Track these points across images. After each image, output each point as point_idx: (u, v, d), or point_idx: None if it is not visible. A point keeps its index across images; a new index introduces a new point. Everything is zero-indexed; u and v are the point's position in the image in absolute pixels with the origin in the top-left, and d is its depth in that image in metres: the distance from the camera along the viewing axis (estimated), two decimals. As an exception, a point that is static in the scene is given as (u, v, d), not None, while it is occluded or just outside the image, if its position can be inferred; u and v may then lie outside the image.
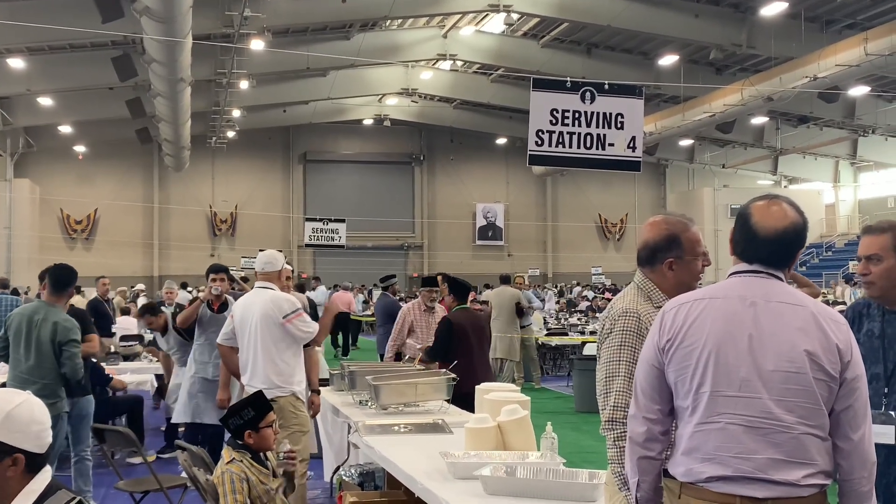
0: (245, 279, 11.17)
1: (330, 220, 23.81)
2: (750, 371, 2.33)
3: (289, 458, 4.55)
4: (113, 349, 11.18)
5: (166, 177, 37.84)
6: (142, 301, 16.52)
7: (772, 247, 2.43)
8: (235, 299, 7.71)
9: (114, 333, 11.22)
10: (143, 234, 38.10)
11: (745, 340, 2.35)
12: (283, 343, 5.61)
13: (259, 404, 4.44)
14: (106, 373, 8.61)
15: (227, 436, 4.53)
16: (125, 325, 15.31)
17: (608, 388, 2.89)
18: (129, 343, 11.48)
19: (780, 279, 2.43)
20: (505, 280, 14.12)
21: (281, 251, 6.28)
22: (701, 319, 2.43)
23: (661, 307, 2.94)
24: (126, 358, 10.79)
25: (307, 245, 25.25)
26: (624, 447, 2.74)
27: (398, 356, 8.31)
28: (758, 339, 2.34)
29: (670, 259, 3.00)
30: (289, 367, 5.65)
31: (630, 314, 2.94)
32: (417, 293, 13.27)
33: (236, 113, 31.41)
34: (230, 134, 34.69)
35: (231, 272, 9.90)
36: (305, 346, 5.88)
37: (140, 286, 23.60)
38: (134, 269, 36.50)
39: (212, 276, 7.34)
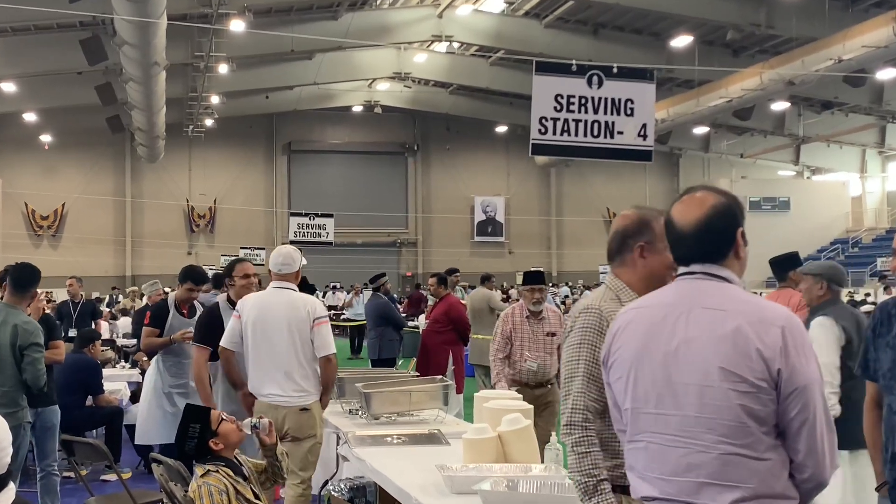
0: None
1: (316, 215, 23.80)
2: (664, 386, 2.34)
3: (263, 429, 4.52)
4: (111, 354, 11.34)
5: (139, 169, 37.79)
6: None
7: (697, 239, 2.42)
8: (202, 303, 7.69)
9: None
10: (114, 230, 38.05)
11: (661, 353, 2.36)
12: (310, 347, 5.61)
13: (196, 413, 4.43)
14: (102, 383, 8.64)
15: None
16: (127, 326, 15.30)
17: (568, 389, 2.91)
18: (104, 348, 11.50)
19: (722, 277, 2.41)
20: (484, 280, 14.30)
21: (294, 249, 6.23)
22: (628, 331, 2.47)
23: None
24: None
25: (292, 242, 25.23)
26: (583, 453, 2.78)
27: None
28: (673, 352, 2.34)
29: (641, 244, 3.05)
30: (316, 372, 5.66)
31: (591, 310, 2.98)
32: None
33: (215, 99, 31.38)
34: (208, 122, 34.68)
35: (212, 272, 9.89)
36: None
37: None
38: (105, 269, 36.46)
39: (190, 284, 7.29)
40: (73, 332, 10.90)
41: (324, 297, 29.78)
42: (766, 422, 2.25)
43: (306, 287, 7.65)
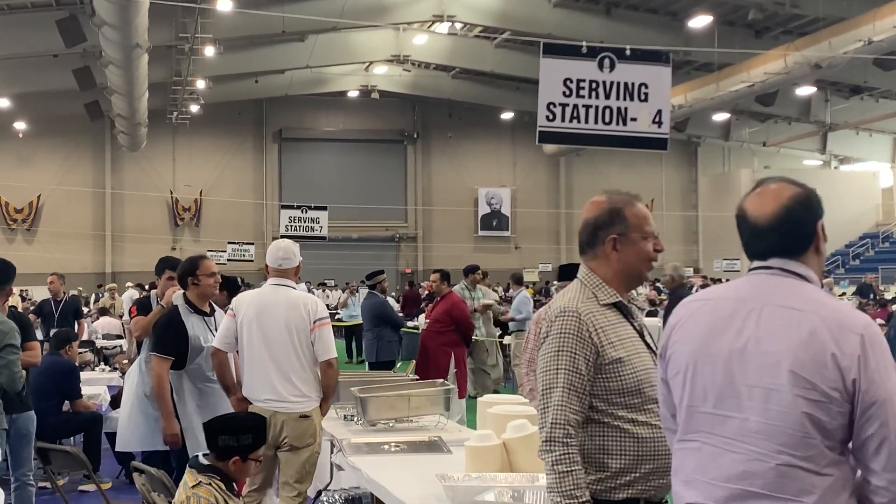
0: (239, 282, 11.14)
1: (309, 208, 23.76)
2: (727, 386, 2.34)
3: None
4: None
5: (120, 158, 37.79)
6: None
7: (775, 232, 2.42)
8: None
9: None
10: (93, 224, 38.06)
11: (726, 350, 2.36)
12: (311, 349, 5.59)
13: (259, 432, 4.47)
14: (79, 387, 8.65)
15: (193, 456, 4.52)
16: (107, 326, 15.33)
17: (546, 402, 2.87)
18: (83, 350, 11.53)
19: (800, 275, 2.40)
20: (466, 273, 14.42)
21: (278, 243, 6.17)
22: (690, 325, 2.47)
23: (609, 305, 2.98)
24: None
25: (283, 236, 25.24)
26: (564, 472, 2.76)
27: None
28: (740, 350, 2.34)
29: (613, 236, 3.03)
30: (317, 376, 5.65)
31: (568, 313, 2.93)
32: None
33: (201, 84, 31.35)
34: (194, 108, 34.65)
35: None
36: None
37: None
38: (83, 265, 36.47)
39: (170, 272, 7.25)
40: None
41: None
42: (833, 435, 2.24)
43: (233, 287, 7.64)
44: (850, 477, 2.27)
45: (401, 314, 17.38)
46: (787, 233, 2.42)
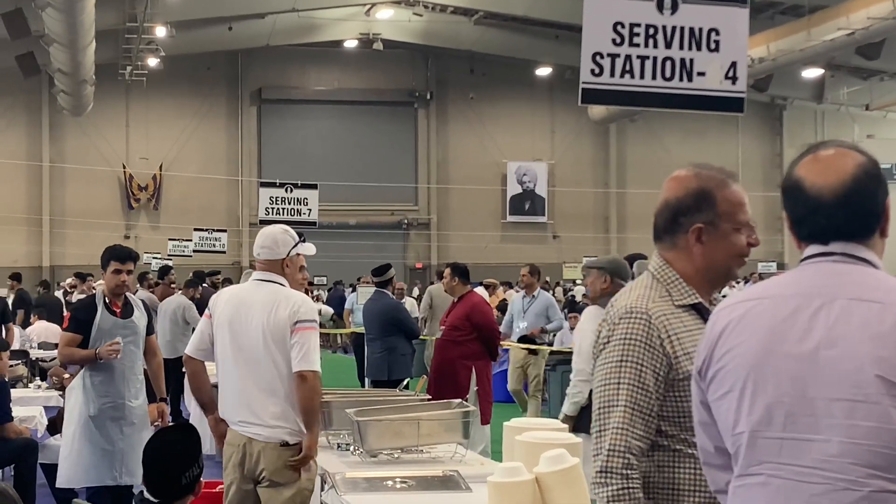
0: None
1: (295, 186, 23.80)
2: (798, 402, 2.32)
3: None
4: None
5: (61, 124, 37.92)
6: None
7: (843, 209, 2.42)
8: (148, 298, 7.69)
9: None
10: (27, 206, 38.21)
11: (792, 358, 2.34)
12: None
13: (196, 442, 4.50)
14: (10, 408, 8.69)
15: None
16: (44, 333, 15.39)
17: (603, 423, 2.87)
18: (14, 362, 11.60)
19: (866, 261, 2.41)
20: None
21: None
22: (741, 330, 2.44)
23: (686, 306, 2.97)
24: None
25: (262, 221, 25.28)
26: None
27: None
28: (809, 357, 2.32)
29: (698, 225, 3.00)
30: None
31: (636, 315, 2.93)
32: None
33: (161, 32, 31.44)
34: (152, 62, 34.77)
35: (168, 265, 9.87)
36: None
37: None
38: (15, 257, 36.62)
39: (115, 264, 7.28)
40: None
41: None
42: None
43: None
44: None
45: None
46: (855, 210, 2.43)
